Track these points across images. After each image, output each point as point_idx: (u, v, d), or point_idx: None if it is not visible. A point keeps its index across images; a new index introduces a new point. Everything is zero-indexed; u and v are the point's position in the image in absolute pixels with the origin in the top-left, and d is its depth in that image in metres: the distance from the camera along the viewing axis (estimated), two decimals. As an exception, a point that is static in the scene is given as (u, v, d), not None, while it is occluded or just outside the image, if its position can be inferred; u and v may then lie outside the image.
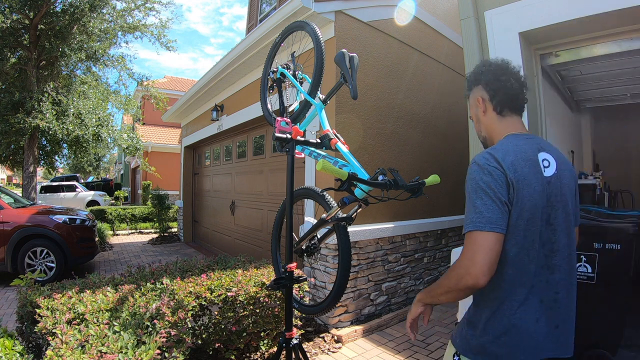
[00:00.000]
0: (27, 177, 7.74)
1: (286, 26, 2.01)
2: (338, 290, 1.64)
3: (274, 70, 2.00)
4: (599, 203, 4.00)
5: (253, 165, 5.63)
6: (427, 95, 4.37)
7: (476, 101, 1.24)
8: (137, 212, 10.88)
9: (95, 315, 2.02)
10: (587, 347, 2.36)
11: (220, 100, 6.26)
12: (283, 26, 3.72)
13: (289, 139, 1.66)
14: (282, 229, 2.03)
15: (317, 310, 1.82)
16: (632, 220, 2.32)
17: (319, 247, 1.91)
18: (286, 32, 2.02)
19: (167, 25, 8.52)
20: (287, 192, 1.71)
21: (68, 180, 17.68)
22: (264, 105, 2.07)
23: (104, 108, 8.25)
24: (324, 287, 3.35)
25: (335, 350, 2.94)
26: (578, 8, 2.00)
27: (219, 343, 2.34)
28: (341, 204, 1.50)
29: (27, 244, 4.83)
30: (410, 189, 1.38)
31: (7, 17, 6.65)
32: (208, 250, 7.25)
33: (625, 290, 2.28)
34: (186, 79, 20.27)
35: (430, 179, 1.43)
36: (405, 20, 4.02)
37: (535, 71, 2.44)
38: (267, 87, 2.08)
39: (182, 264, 2.96)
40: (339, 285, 1.64)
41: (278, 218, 2.12)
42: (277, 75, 1.97)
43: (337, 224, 1.63)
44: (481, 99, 1.22)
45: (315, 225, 1.73)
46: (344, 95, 3.31)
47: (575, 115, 4.51)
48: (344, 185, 1.31)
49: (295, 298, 2.05)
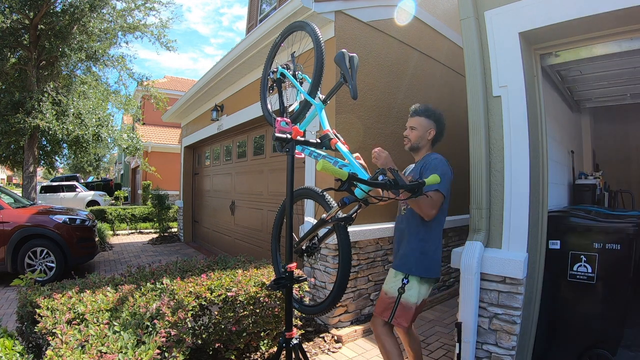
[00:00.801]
0: (27, 177, 7.74)
1: (286, 26, 2.01)
2: (338, 290, 1.64)
3: (274, 70, 2.00)
4: (599, 203, 4.00)
5: (253, 165, 5.63)
6: (427, 95, 4.36)
7: (428, 131, 2.09)
8: (137, 212, 10.87)
9: (95, 315, 2.02)
10: (587, 347, 2.36)
11: (220, 100, 6.25)
12: (283, 26, 3.73)
13: (289, 139, 1.66)
14: (282, 229, 2.03)
15: (317, 311, 1.82)
16: (632, 220, 2.32)
17: (319, 247, 1.91)
18: (286, 32, 2.02)
19: (167, 25, 8.53)
20: (287, 192, 1.71)
21: (68, 180, 17.69)
22: (264, 105, 2.07)
23: (104, 108, 8.25)
24: (324, 287, 3.35)
25: (335, 350, 2.94)
26: (578, 8, 2.00)
27: (219, 343, 2.34)
28: (341, 204, 1.50)
29: (27, 244, 4.83)
30: (410, 188, 1.38)
31: (7, 17, 6.65)
32: (208, 250, 7.25)
33: (625, 290, 2.28)
34: (186, 79, 20.26)
35: (430, 179, 1.43)
36: (405, 20, 4.02)
37: (535, 71, 2.44)
38: (267, 87, 2.07)
39: (182, 264, 2.96)
40: (339, 285, 1.64)
41: (278, 218, 2.12)
42: (277, 75, 1.97)
43: (337, 224, 1.63)
44: (433, 131, 2.10)
45: (315, 226, 1.73)
46: (344, 95, 3.31)
47: (575, 115, 4.51)
48: (344, 185, 1.31)
49: (296, 298, 2.05)
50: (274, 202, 4.87)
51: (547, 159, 2.43)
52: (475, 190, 2.37)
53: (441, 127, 2.11)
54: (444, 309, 3.96)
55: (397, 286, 1.95)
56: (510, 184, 2.27)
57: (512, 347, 2.17)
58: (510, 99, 2.28)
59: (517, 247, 2.22)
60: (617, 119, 5.04)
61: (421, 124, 2.09)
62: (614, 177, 4.86)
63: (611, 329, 2.31)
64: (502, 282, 2.21)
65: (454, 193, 4.47)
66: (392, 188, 1.37)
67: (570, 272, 2.39)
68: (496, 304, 2.24)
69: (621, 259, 2.24)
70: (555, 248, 2.45)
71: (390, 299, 1.96)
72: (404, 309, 1.94)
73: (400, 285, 1.94)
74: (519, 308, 2.16)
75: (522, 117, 2.24)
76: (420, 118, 2.09)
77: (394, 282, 1.98)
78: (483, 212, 2.33)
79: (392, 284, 1.99)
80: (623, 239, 2.24)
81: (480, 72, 2.37)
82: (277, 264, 2.09)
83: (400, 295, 1.94)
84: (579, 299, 2.40)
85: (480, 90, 2.36)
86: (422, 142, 2.10)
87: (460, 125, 4.11)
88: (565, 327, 2.47)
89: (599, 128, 5.15)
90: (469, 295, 2.26)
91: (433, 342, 3.11)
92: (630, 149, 5.10)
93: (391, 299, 1.96)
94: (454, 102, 4.73)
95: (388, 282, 2.03)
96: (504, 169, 2.30)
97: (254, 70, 4.95)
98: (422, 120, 2.09)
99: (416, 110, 2.11)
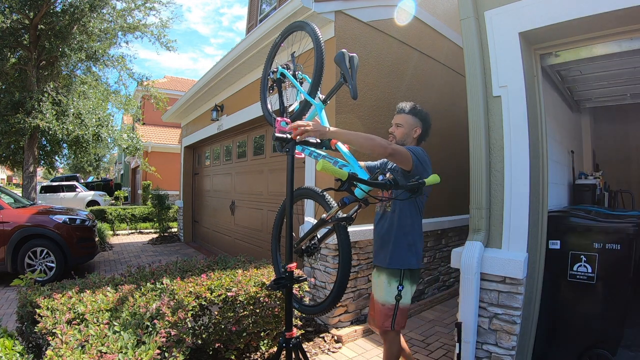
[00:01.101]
0: (27, 177, 7.74)
1: (286, 26, 2.01)
2: (339, 290, 1.64)
3: (274, 70, 2.00)
4: (599, 203, 4.00)
5: (253, 165, 5.63)
6: (427, 95, 4.36)
7: (414, 129, 2.08)
8: (137, 212, 10.87)
9: (95, 315, 2.02)
10: (587, 347, 2.36)
11: (220, 100, 6.25)
12: (283, 26, 3.72)
13: (289, 139, 1.66)
14: (282, 229, 2.03)
15: (317, 311, 1.82)
16: (632, 220, 2.32)
17: (319, 247, 1.91)
18: (286, 32, 2.02)
19: (167, 25, 8.52)
20: (287, 192, 1.71)
21: (68, 180, 17.69)
22: (264, 105, 2.07)
23: (104, 108, 8.25)
24: (324, 287, 3.35)
25: (335, 350, 2.94)
26: (578, 8, 2.00)
27: (219, 343, 2.34)
28: (341, 204, 1.50)
29: (27, 244, 4.83)
30: (410, 188, 1.38)
31: (7, 17, 6.64)
32: (208, 250, 7.25)
33: (625, 290, 2.28)
34: (186, 79, 20.26)
35: (430, 178, 1.43)
36: (405, 20, 4.02)
37: (535, 71, 2.44)
38: (267, 87, 2.08)
39: (182, 264, 2.96)
40: (339, 285, 1.64)
41: (278, 218, 2.12)
42: (277, 75, 1.97)
43: (338, 224, 1.63)
44: (419, 129, 2.08)
45: (315, 226, 1.73)
46: (344, 95, 3.31)
47: (575, 115, 4.51)
48: (344, 185, 1.32)
49: (296, 298, 2.05)
50: (274, 202, 4.87)
51: (547, 159, 2.43)
52: (475, 190, 2.37)
53: (427, 127, 2.10)
54: (444, 309, 3.97)
55: (394, 294, 1.93)
56: (510, 184, 2.27)
57: (512, 347, 2.17)
58: (510, 99, 2.28)
59: (517, 247, 2.22)
60: (617, 119, 5.04)
61: (407, 122, 2.07)
62: (614, 177, 4.86)
63: (611, 329, 2.31)
64: (502, 282, 2.21)
65: (454, 193, 4.48)
66: (392, 188, 1.37)
67: (570, 272, 2.39)
68: (496, 304, 2.24)
69: (621, 259, 2.24)
70: (555, 248, 2.45)
71: (389, 308, 1.94)
72: (402, 313, 1.95)
73: (397, 293, 1.92)
74: (519, 308, 2.16)
75: (522, 117, 2.24)
76: (407, 116, 2.08)
77: (388, 290, 1.94)
78: (483, 212, 2.33)
79: (387, 293, 1.95)
80: (623, 239, 2.24)
81: (480, 72, 2.37)
82: (277, 263, 2.09)
83: (398, 302, 1.92)
84: (579, 299, 2.40)
85: (480, 90, 2.36)
86: (408, 139, 2.07)
87: (460, 125, 4.11)
88: (565, 327, 2.47)
89: (599, 128, 5.15)
90: (469, 295, 2.26)
91: (433, 342, 3.11)
92: (630, 149, 5.10)
93: (390, 308, 1.94)
94: (454, 102, 4.73)
95: (382, 292, 1.97)
96: (504, 168, 2.30)
97: (253, 70, 4.95)
98: (408, 118, 2.07)
99: (403, 108, 2.11)
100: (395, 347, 2.01)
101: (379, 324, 1.99)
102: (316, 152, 1.75)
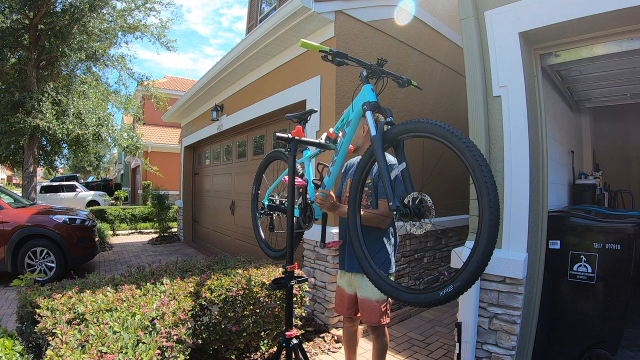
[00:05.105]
0: (27, 177, 7.74)
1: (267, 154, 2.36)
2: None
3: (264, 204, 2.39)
4: (599, 203, 4.00)
5: (253, 165, 5.63)
6: (427, 95, 4.36)
7: (361, 128, 1.95)
8: (137, 212, 10.87)
9: (95, 315, 2.02)
10: (587, 347, 2.36)
11: (220, 100, 6.25)
12: (283, 26, 3.74)
13: (290, 138, 1.67)
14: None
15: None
16: (632, 220, 2.32)
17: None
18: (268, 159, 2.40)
19: (167, 26, 8.51)
20: (288, 192, 1.71)
21: (68, 180, 17.67)
22: (257, 232, 2.38)
23: (104, 108, 8.24)
24: (324, 287, 3.35)
25: (335, 350, 2.94)
26: (578, 8, 2.00)
27: (219, 343, 2.34)
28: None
29: (27, 244, 4.83)
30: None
31: (7, 17, 6.64)
32: (208, 250, 7.25)
33: (625, 290, 2.28)
34: (186, 79, 20.25)
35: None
36: (405, 20, 4.02)
37: (535, 71, 2.44)
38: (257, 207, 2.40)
39: (182, 264, 2.96)
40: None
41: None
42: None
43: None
44: (366, 126, 1.83)
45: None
46: (344, 95, 3.31)
47: (575, 115, 4.51)
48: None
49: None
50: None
51: (547, 159, 2.43)
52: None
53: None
54: (444, 309, 3.96)
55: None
56: (510, 184, 2.27)
57: (512, 347, 2.17)
58: (510, 99, 2.28)
59: (517, 247, 2.22)
60: (617, 119, 5.04)
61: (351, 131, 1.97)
62: (614, 177, 4.87)
63: (611, 329, 2.31)
64: (502, 282, 2.22)
65: (454, 193, 4.47)
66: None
67: (570, 272, 2.40)
68: (496, 304, 2.24)
69: (621, 259, 2.24)
70: (555, 248, 2.45)
71: (382, 303, 1.96)
72: (391, 305, 2.05)
73: None
74: (519, 308, 2.16)
75: (522, 117, 2.24)
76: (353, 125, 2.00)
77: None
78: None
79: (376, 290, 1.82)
80: (623, 239, 2.24)
81: (480, 72, 2.37)
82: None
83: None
84: (579, 299, 2.40)
85: (480, 90, 2.36)
86: (360, 140, 2.00)
87: (460, 125, 4.10)
88: (565, 327, 2.47)
89: (599, 128, 5.15)
90: (469, 295, 2.26)
91: (433, 342, 3.11)
92: (630, 149, 5.10)
93: (383, 303, 1.95)
94: (453, 102, 4.73)
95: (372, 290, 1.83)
96: (504, 168, 2.30)
97: (253, 70, 4.95)
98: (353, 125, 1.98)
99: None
100: (387, 337, 2.08)
101: (374, 321, 2.01)
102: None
